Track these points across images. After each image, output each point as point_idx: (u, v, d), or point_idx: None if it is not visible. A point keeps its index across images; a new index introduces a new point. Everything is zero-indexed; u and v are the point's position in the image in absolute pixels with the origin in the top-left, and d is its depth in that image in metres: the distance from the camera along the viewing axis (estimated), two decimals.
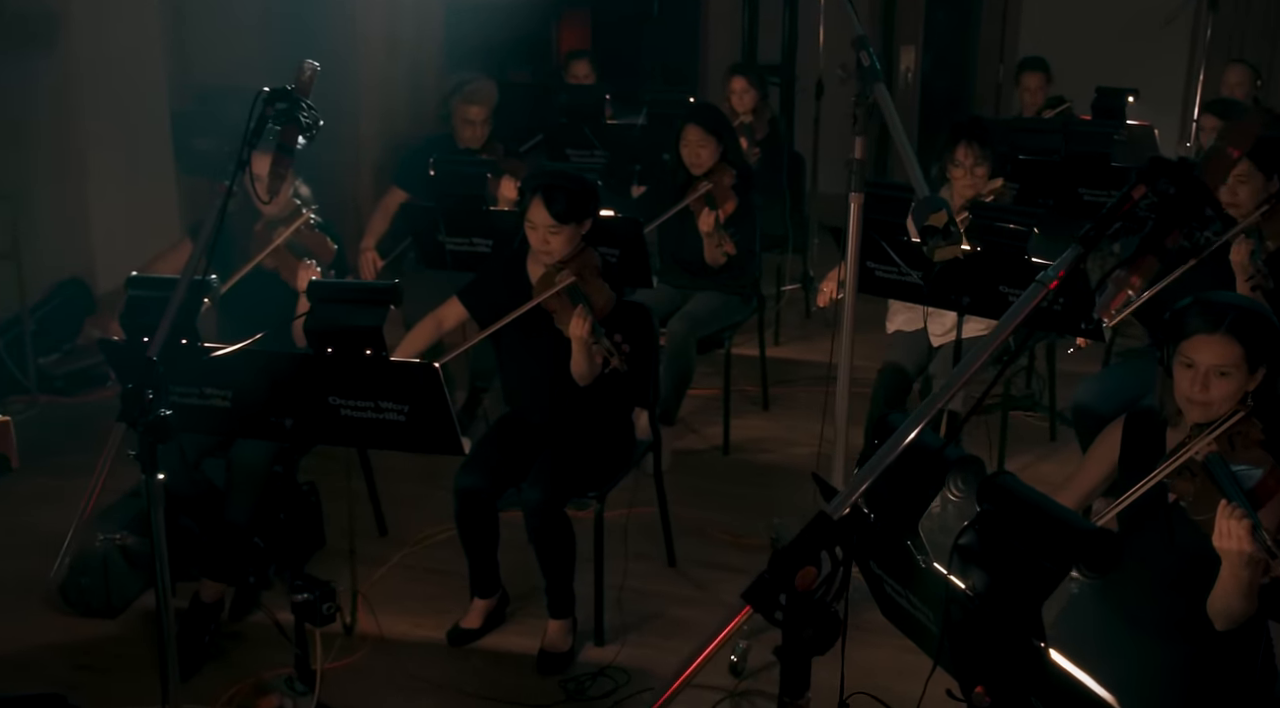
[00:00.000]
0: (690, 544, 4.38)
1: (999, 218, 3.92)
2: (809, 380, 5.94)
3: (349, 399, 3.22)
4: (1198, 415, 2.75)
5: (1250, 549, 2.46)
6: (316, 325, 3.15)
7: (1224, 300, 2.78)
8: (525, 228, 3.82)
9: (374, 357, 3.13)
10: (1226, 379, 2.70)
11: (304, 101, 3.03)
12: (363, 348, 3.13)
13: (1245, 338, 2.69)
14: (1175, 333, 2.76)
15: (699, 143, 5.05)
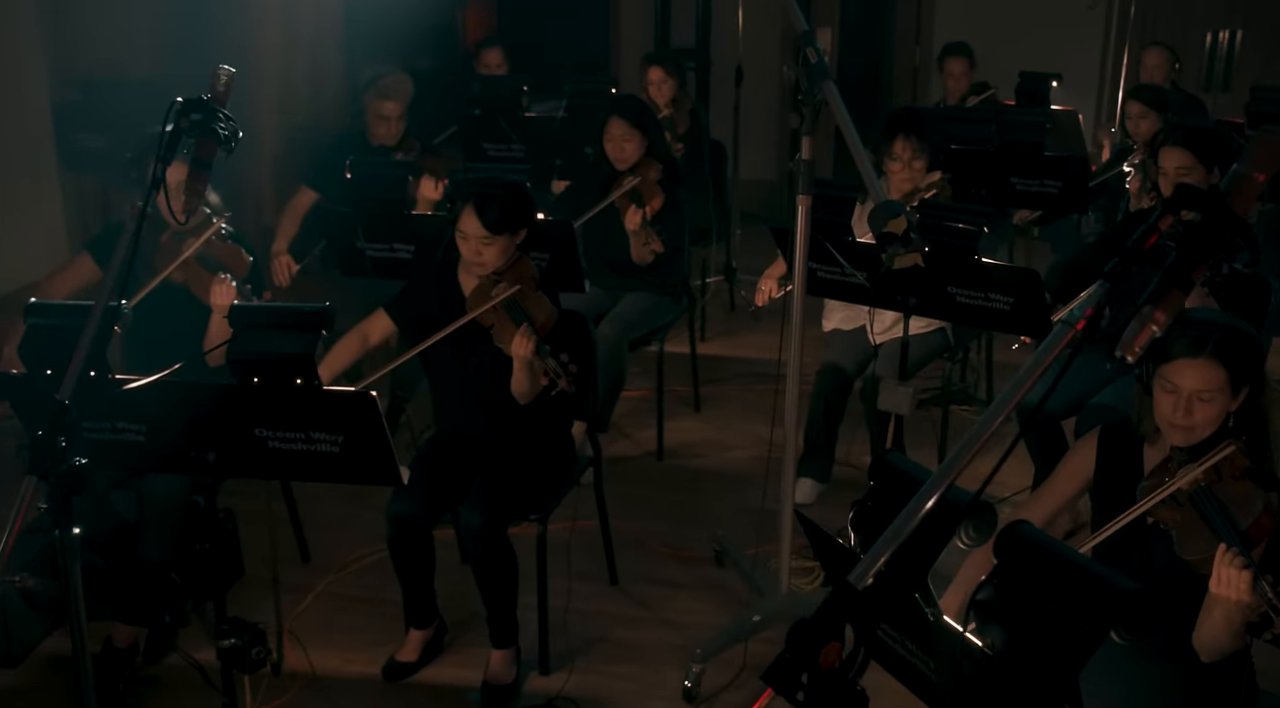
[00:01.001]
0: (630, 559, 4.21)
1: (947, 217, 3.78)
2: (739, 378, 5.79)
3: (277, 431, 2.97)
4: (1179, 439, 2.66)
5: (1250, 600, 2.37)
6: (241, 354, 2.90)
7: (1206, 320, 2.68)
8: (456, 237, 3.61)
9: (305, 386, 2.90)
10: (1210, 404, 2.61)
11: (221, 111, 2.78)
12: (292, 377, 2.89)
13: (1229, 361, 2.60)
14: (1157, 355, 2.65)
15: (623, 137, 4.86)
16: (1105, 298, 1.81)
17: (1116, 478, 2.84)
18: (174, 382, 2.92)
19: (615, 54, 8.18)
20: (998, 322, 3.86)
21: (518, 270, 3.61)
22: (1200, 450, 2.63)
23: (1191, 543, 2.55)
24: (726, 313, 6.61)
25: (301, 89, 7.06)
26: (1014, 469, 4.76)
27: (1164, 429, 2.68)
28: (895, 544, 1.79)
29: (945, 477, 1.80)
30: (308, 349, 2.88)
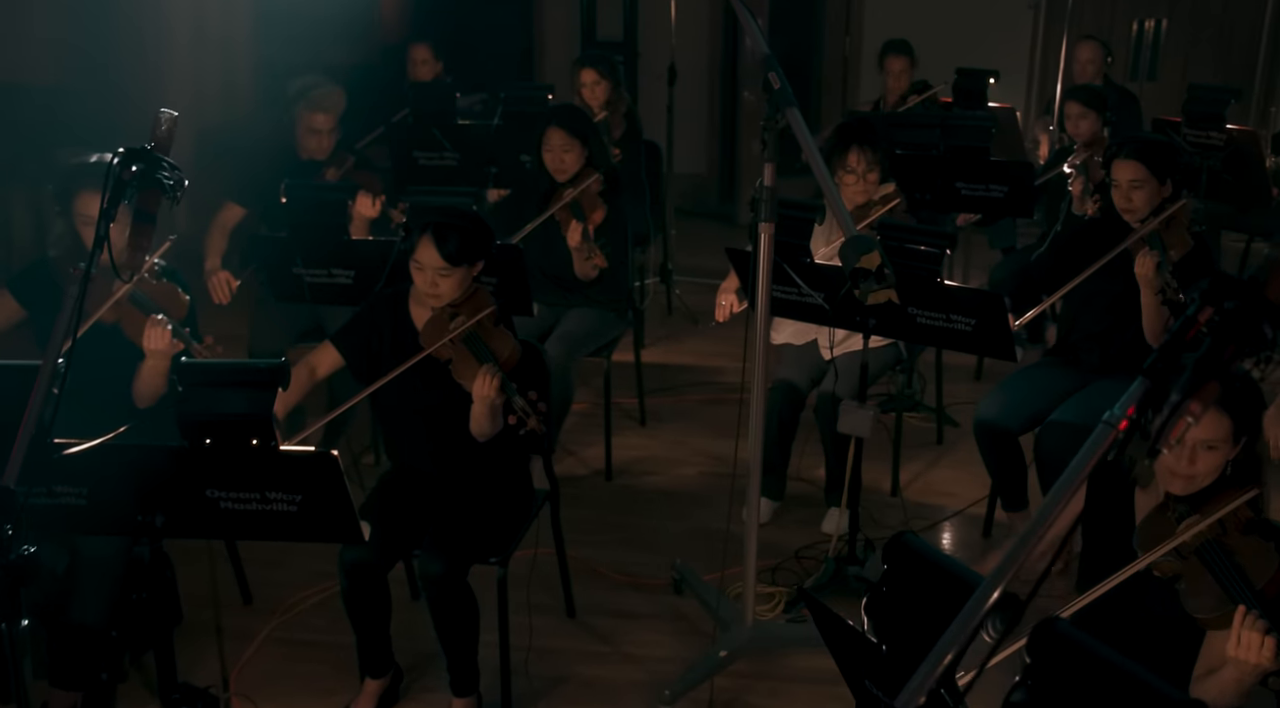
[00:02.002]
0: (587, 588, 4.10)
1: (909, 239, 3.71)
2: (683, 388, 5.69)
3: (231, 491, 2.82)
4: (1179, 488, 2.62)
5: (1272, 667, 2.32)
6: (192, 415, 2.74)
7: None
8: (411, 268, 3.45)
9: (262, 447, 2.74)
10: (1214, 452, 2.58)
11: (164, 160, 2.60)
12: (248, 439, 2.73)
13: (1235, 411, 2.57)
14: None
15: (563, 147, 4.72)
16: (1146, 396, 1.71)
17: (1107, 517, 2.79)
18: (119, 444, 2.76)
19: (539, 45, 8.00)
20: (959, 342, 3.81)
21: (475, 303, 3.47)
22: (1199, 499, 2.59)
23: (1200, 599, 2.50)
24: (664, 316, 6.50)
25: (212, 85, 6.81)
26: (969, 480, 4.74)
27: (1163, 478, 2.63)
28: (947, 659, 1.68)
29: (990, 590, 1.69)
30: (264, 410, 2.73)
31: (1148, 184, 4.04)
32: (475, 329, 3.40)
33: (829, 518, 4.50)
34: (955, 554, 4.38)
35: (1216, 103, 5.49)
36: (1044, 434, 4.05)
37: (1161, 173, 4.05)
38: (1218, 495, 2.58)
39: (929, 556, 2.07)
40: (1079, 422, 4.02)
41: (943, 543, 4.47)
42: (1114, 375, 4.13)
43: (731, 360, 5.97)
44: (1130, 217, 4.10)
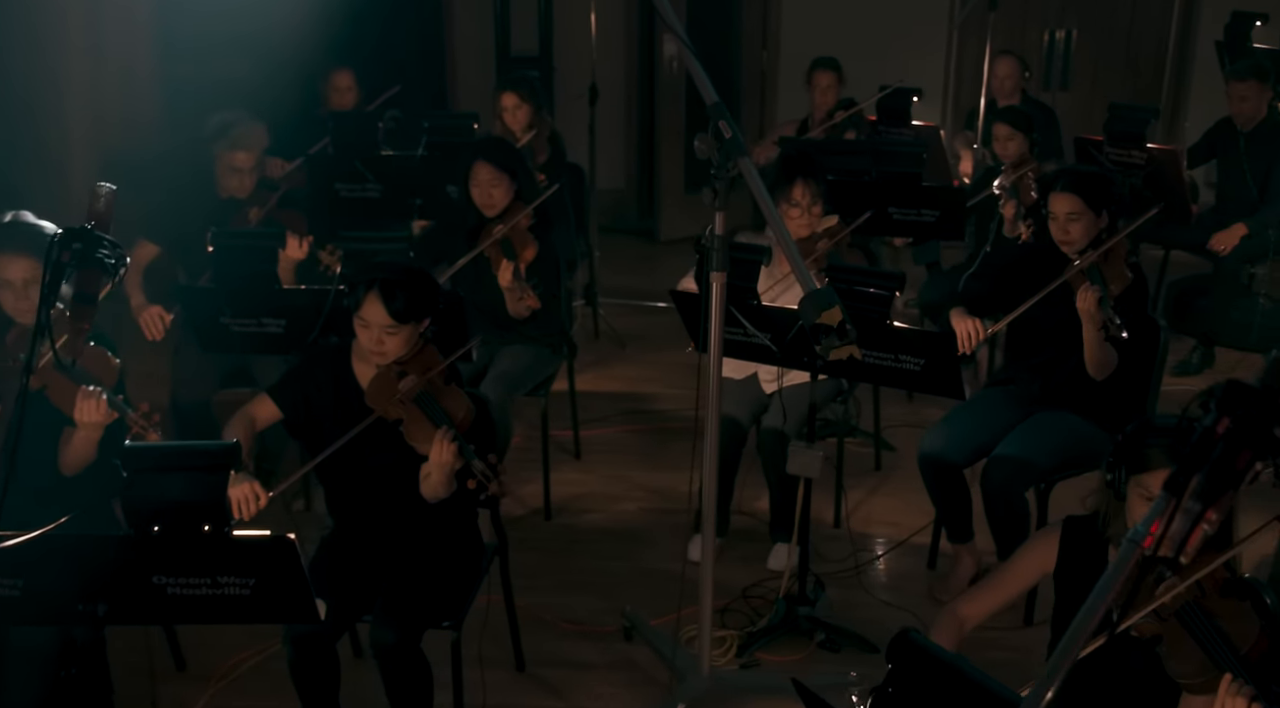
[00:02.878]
0: (535, 638, 4.01)
1: (858, 281, 3.67)
2: (616, 418, 5.61)
3: (179, 577, 2.69)
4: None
5: None
6: (140, 502, 2.60)
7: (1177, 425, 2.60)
8: (355, 325, 3.33)
9: (215, 533, 2.61)
10: None
11: (105, 238, 2.47)
12: (200, 525, 2.61)
13: None
14: (1135, 465, 2.59)
15: (490, 182, 4.61)
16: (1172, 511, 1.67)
17: (1081, 576, 2.79)
18: (58, 535, 2.61)
19: (450, 60, 7.84)
20: (907, 382, 3.78)
21: (423, 360, 3.36)
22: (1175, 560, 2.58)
23: (1183, 664, 2.50)
24: (590, 340, 6.41)
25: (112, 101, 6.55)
26: (910, 508, 4.74)
27: None
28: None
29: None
30: (216, 495, 2.60)
31: (1084, 216, 4.06)
32: (426, 389, 3.29)
33: (775, 554, 4.47)
34: (900, 587, 4.37)
35: (1138, 122, 5.55)
36: (990, 469, 4.05)
37: (1097, 204, 4.07)
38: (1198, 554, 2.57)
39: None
40: (1023, 456, 4.03)
41: (888, 576, 4.45)
42: (1055, 406, 4.15)
43: (662, 386, 5.92)
44: (1068, 248, 4.11)
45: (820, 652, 4.01)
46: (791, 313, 3.82)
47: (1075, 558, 2.80)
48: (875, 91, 6.11)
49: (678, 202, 7.95)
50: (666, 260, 7.81)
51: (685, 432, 5.49)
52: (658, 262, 7.78)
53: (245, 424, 3.46)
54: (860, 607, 4.24)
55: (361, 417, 3.31)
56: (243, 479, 3.20)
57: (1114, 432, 4.17)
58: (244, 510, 3.20)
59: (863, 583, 4.34)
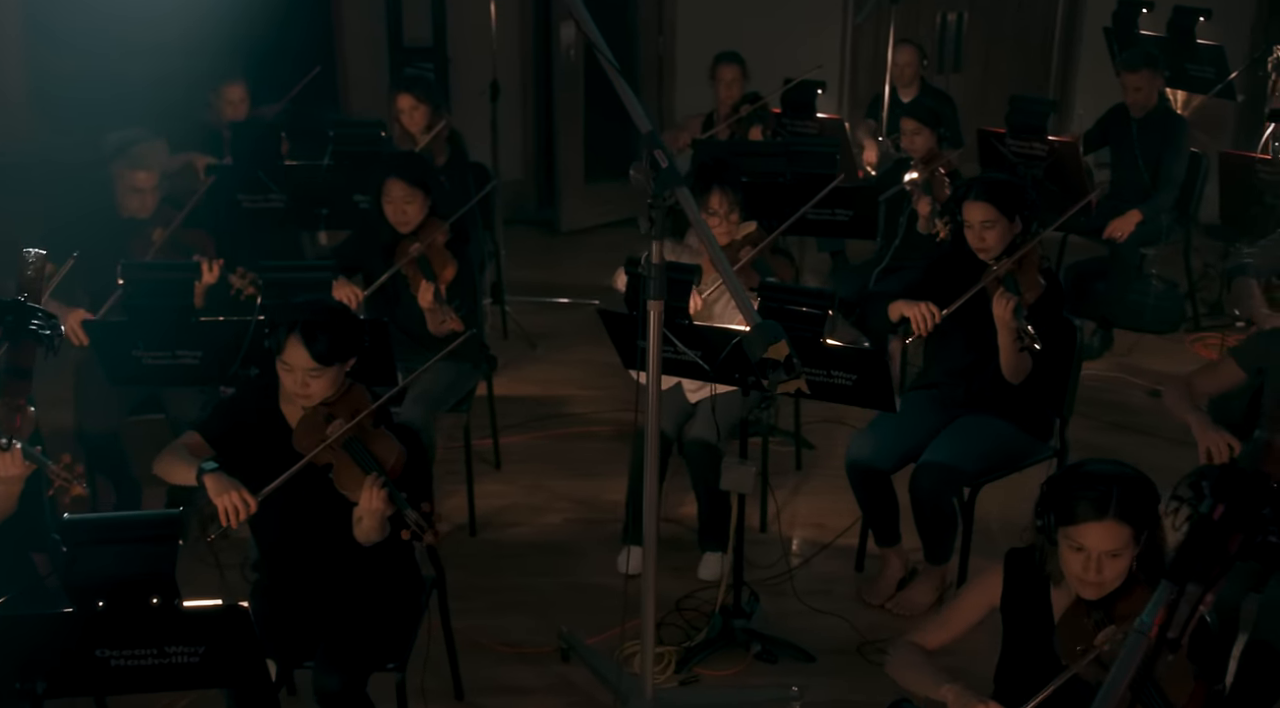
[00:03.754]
0: (471, 663, 3.95)
1: (791, 300, 3.68)
2: (533, 423, 5.55)
3: (124, 649, 2.60)
4: (1091, 594, 2.68)
5: None
6: (83, 579, 2.50)
7: (1103, 474, 2.66)
8: (278, 369, 3.24)
9: (164, 605, 2.53)
10: (1118, 559, 2.63)
11: (37, 309, 2.35)
12: (148, 598, 2.52)
13: (1132, 517, 2.61)
14: (1062, 516, 2.64)
15: (404, 199, 4.51)
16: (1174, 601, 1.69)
17: (1025, 611, 2.84)
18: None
19: (339, 51, 7.62)
20: (840, 396, 3.81)
21: (351, 401, 3.28)
22: (1111, 600, 2.66)
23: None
24: (500, 340, 6.31)
25: None
26: (835, 509, 4.77)
27: (1074, 584, 2.69)
28: None
29: None
30: (165, 565, 2.51)
31: (999, 223, 4.12)
32: (356, 434, 3.21)
33: (705, 564, 4.47)
34: (830, 591, 4.41)
35: (1038, 115, 5.63)
36: (918, 476, 4.10)
37: (1010, 211, 4.13)
38: (1128, 594, 2.65)
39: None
40: (951, 462, 4.08)
41: (817, 580, 4.47)
42: (978, 410, 4.21)
43: (577, 388, 5.88)
44: (984, 255, 4.17)
45: (757, 664, 4.03)
46: (723, 331, 3.82)
47: (1018, 591, 2.85)
48: (775, 79, 6.12)
49: (578, 192, 7.87)
50: (569, 253, 7.75)
51: (604, 436, 5.46)
52: (560, 254, 7.71)
53: (183, 456, 3.32)
54: (793, 615, 4.27)
55: (290, 457, 3.22)
56: (228, 486, 3.11)
57: (1036, 434, 4.29)
58: (232, 519, 3.12)
59: (793, 589, 4.36)
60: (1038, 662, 2.73)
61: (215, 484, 3.11)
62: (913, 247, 5.55)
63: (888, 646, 4.09)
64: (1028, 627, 2.82)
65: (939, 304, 4.15)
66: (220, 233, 4.66)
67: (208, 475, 3.12)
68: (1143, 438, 5.46)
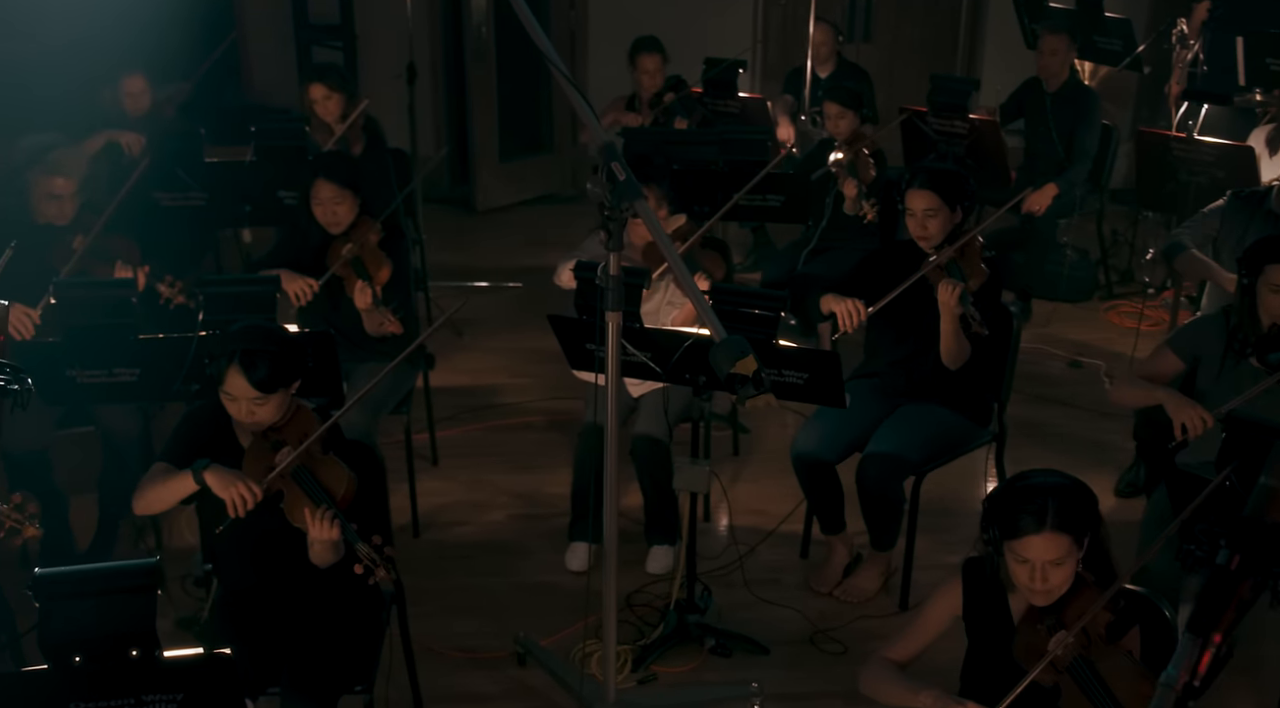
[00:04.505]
0: (427, 670, 3.90)
1: (744, 303, 3.68)
2: (468, 416, 5.50)
3: (99, 701, 2.53)
4: (1041, 601, 2.76)
5: None
6: (58, 636, 2.42)
7: (1040, 486, 2.73)
8: (222, 398, 3.17)
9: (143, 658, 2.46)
10: (1062, 566, 2.71)
11: (4, 364, 2.26)
12: (127, 651, 2.45)
13: (1071, 526, 2.69)
14: (1005, 530, 2.72)
15: (334, 200, 4.41)
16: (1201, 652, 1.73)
17: (986, 618, 2.92)
18: None
19: (241, 29, 7.39)
20: (791, 393, 3.83)
21: (299, 426, 3.22)
22: (1061, 605, 2.74)
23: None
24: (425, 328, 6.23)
25: None
26: (775, 495, 4.81)
27: (1024, 593, 2.77)
28: None
29: None
30: (145, 619, 2.44)
31: (941, 212, 4.16)
32: (304, 462, 3.15)
33: (653, 557, 4.49)
34: (778, 580, 4.46)
35: (960, 94, 5.70)
36: (865, 466, 4.15)
37: (953, 200, 4.18)
38: (1077, 596, 2.72)
39: None
40: (896, 452, 4.14)
41: (764, 569, 4.51)
42: (921, 399, 4.27)
43: (508, 376, 5.84)
44: (926, 244, 4.21)
45: (713, 658, 4.06)
46: (673, 334, 3.81)
47: (978, 599, 2.92)
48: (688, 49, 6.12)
49: (493, 170, 7.78)
50: (486, 233, 7.66)
51: (540, 426, 5.44)
52: (478, 235, 7.63)
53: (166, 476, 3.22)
54: (742, 607, 4.30)
55: None
56: (231, 478, 3.11)
57: (976, 419, 4.36)
58: (240, 509, 3.12)
59: (743, 579, 4.40)
60: (1001, 665, 2.80)
61: (218, 478, 3.11)
62: (839, 228, 5.59)
63: (839, 634, 4.18)
64: (990, 633, 2.89)
65: (877, 293, 4.19)
66: (142, 236, 4.53)
67: (207, 472, 3.11)
68: (1064, 409, 5.60)
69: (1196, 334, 3.95)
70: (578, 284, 3.85)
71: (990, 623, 2.89)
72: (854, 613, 4.28)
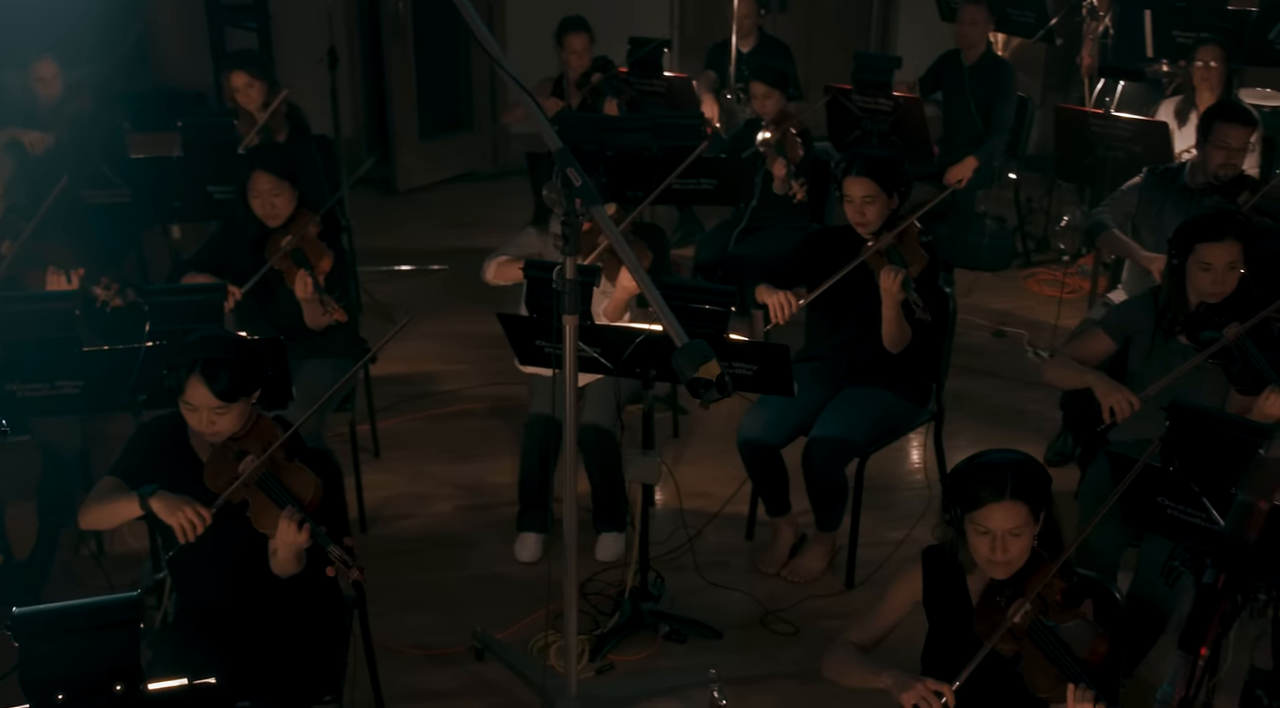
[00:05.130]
0: (386, 669, 3.89)
1: (694, 299, 3.72)
2: (406, 405, 5.48)
3: None
4: (1000, 573, 2.88)
5: None
6: (40, 674, 2.40)
7: (999, 462, 2.86)
8: (181, 408, 3.14)
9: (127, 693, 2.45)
10: (1020, 537, 2.84)
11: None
12: (110, 687, 2.44)
13: (1028, 496, 2.82)
14: (965, 502, 2.84)
15: (272, 192, 4.37)
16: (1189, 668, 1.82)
17: (946, 601, 3.02)
18: None
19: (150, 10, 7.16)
20: (742, 384, 3.89)
21: (260, 434, 3.20)
22: (1019, 578, 2.85)
23: (1039, 679, 2.78)
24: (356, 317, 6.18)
25: None
26: (717, 476, 4.87)
27: (984, 566, 2.88)
28: None
29: None
30: (128, 654, 2.43)
31: (879, 199, 4.24)
32: (269, 469, 3.14)
33: (602, 544, 4.54)
34: (726, 563, 4.53)
35: (883, 71, 5.76)
36: (811, 450, 4.23)
37: (890, 187, 4.25)
38: (1034, 570, 2.85)
39: None
40: (842, 435, 4.22)
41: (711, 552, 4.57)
42: (861, 381, 4.36)
43: (442, 363, 5.82)
44: (864, 230, 4.29)
45: (668, 645, 4.13)
46: (623, 330, 3.85)
47: (937, 585, 3.03)
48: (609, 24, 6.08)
49: (413, 149, 7.70)
50: (410, 213, 7.60)
51: (480, 413, 5.45)
52: (401, 215, 7.56)
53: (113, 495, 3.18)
54: (692, 591, 4.37)
55: (202, 496, 3.14)
56: (177, 504, 3.08)
57: (916, 400, 4.46)
58: (189, 534, 3.09)
59: (693, 563, 4.46)
60: (961, 644, 2.90)
61: (164, 505, 3.08)
62: (769, 207, 5.65)
63: (788, 614, 4.27)
64: (950, 614, 3.00)
65: (816, 277, 4.27)
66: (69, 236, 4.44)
67: (153, 499, 3.08)
68: (990, 380, 5.73)
69: (1127, 315, 4.07)
70: (528, 283, 3.86)
71: (950, 605, 3.00)
72: (802, 593, 4.37)
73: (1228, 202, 4.70)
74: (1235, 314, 3.75)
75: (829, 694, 3.84)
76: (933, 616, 3.06)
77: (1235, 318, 3.73)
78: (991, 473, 2.82)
